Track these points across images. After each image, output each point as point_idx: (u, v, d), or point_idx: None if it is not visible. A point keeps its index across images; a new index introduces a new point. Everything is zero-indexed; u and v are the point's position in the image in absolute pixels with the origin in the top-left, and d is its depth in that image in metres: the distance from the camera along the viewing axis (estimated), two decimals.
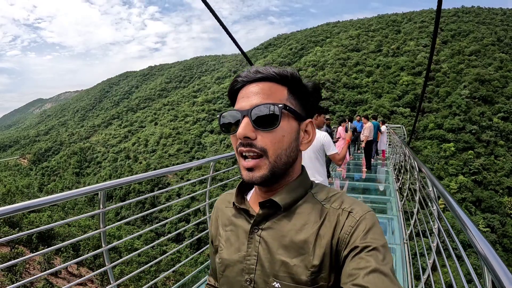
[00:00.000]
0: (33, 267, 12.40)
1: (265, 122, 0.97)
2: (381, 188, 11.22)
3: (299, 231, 0.99)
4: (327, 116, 11.40)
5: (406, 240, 5.62)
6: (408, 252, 5.15)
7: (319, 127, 5.42)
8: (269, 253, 1.01)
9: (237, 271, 1.07)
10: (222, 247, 1.17)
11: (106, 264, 3.24)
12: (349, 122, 13.97)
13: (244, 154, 1.01)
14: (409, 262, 4.87)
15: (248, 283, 1.04)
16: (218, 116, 1.09)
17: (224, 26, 6.63)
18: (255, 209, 1.09)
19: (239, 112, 1.01)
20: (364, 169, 13.59)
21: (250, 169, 1.00)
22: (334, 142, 9.12)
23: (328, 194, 1.06)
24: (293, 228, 1.00)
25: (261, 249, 1.03)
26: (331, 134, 10.49)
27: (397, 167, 11.10)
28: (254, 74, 1.04)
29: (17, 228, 14.75)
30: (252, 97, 1.01)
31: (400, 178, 9.68)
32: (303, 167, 1.14)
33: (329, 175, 10.39)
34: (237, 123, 1.01)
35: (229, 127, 1.05)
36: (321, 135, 4.82)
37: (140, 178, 3.46)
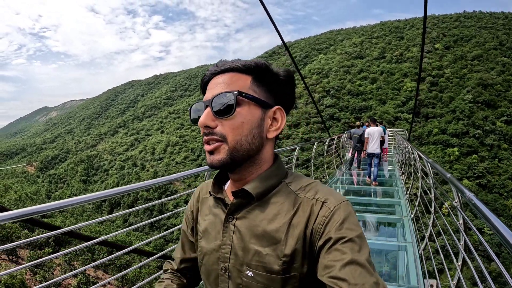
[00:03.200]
0: (53, 269, 13.40)
1: (223, 110, 0.99)
2: (389, 175, 13.77)
3: (271, 221, 1.00)
4: (358, 122, 15.24)
5: (411, 212, 7.24)
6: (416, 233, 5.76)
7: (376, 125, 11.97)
8: (243, 242, 1.03)
9: (214, 259, 1.09)
10: (201, 236, 1.19)
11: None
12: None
13: (207, 142, 1.02)
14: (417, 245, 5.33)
15: (223, 271, 1.06)
16: (188, 108, 1.13)
17: (273, 21, 7.84)
18: (231, 199, 1.10)
19: (203, 104, 1.04)
20: None
21: (210, 153, 1.01)
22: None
23: (303, 183, 1.06)
24: (266, 218, 1.01)
25: (235, 238, 1.05)
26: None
27: (401, 160, 13.68)
28: (220, 67, 1.06)
29: (35, 232, 15.78)
30: (215, 88, 1.03)
31: (403, 167, 12.46)
32: (277, 156, 1.14)
33: (358, 166, 14.51)
34: (200, 115, 1.04)
35: (198, 119, 1.06)
36: (379, 128, 11.66)
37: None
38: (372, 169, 11.53)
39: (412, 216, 6.59)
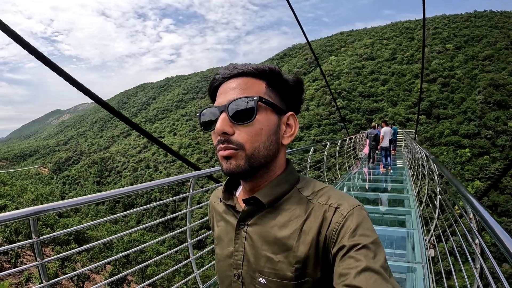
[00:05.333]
0: (80, 264, 14.43)
1: (242, 116, 0.97)
2: (400, 170, 16.02)
3: (283, 227, 0.99)
4: (373, 124, 18.21)
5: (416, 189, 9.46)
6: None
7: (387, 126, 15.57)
8: (254, 249, 1.02)
9: (227, 266, 1.09)
10: (216, 242, 1.20)
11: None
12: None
13: (223, 149, 0.99)
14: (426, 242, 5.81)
15: (236, 278, 1.06)
16: (198, 114, 1.09)
17: (298, 20, 8.71)
18: (242, 205, 1.09)
19: (217, 108, 1.00)
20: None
21: (227, 158, 0.98)
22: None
23: (315, 189, 1.04)
24: (277, 224, 1.00)
25: (247, 245, 1.04)
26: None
27: (410, 158, 15.49)
28: (232, 70, 1.03)
29: (56, 230, 16.89)
30: (229, 92, 1.01)
31: (411, 165, 13.87)
32: (288, 161, 1.13)
33: (373, 161, 16.89)
34: (217, 120, 1.00)
35: (210, 125, 1.04)
36: (390, 129, 15.63)
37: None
38: (387, 159, 15.45)
39: (415, 193, 9.32)
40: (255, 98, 0.97)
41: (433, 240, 5.68)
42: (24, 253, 13.03)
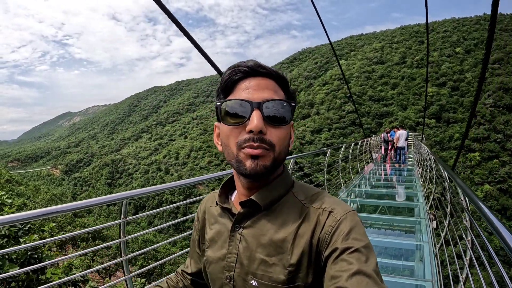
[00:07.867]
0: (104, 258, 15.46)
1: (276, 118, 0.97)
2: (409, 166, 18.22)
3: (278, 230, 0.98)
4: (387, 128, 21.40)
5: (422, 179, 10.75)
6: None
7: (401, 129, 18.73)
8: (249, 251, 1.01)
9: (219, 268, 1.08)
10: (207, 245, 1.18)
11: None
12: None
13: (254, 147, 0.95)
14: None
15: (228, 280, 1.05)
16: (218, 103, 1.03)
17: (321, 19, 9.58)
18: (238, 208, 1.08)
19: (248, 103, 0.96)
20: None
21: (255, 157, 0.95)
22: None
23: (309, 193, 1.04)
24: (273, 227, 1.00)
25: (241, 247, 1.03)
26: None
27: (418, 158, 16.89)
28: (258, 68, 1.00)
29: (73, 230, 18.03)
30: (261, 90, 0.98)
31: (420, 163, 15.47)
32: (284, 166, 1.12)
33: (385, 160, 19.93)
34: (242, 116, 0.97)
35: (236, 119, 0.98)
36: (405, 131, 18.24)
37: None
38: (401, 157, 18.15)
39: (421, 182, 11.63)
40: (293, 104, 1.00)
41: (434, 211, 7.32)
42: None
